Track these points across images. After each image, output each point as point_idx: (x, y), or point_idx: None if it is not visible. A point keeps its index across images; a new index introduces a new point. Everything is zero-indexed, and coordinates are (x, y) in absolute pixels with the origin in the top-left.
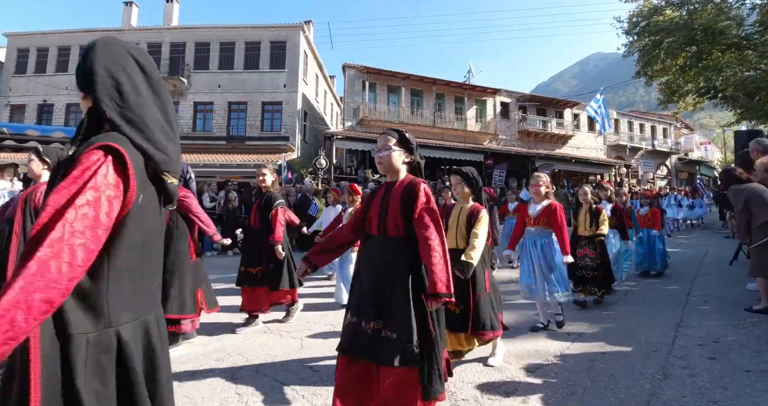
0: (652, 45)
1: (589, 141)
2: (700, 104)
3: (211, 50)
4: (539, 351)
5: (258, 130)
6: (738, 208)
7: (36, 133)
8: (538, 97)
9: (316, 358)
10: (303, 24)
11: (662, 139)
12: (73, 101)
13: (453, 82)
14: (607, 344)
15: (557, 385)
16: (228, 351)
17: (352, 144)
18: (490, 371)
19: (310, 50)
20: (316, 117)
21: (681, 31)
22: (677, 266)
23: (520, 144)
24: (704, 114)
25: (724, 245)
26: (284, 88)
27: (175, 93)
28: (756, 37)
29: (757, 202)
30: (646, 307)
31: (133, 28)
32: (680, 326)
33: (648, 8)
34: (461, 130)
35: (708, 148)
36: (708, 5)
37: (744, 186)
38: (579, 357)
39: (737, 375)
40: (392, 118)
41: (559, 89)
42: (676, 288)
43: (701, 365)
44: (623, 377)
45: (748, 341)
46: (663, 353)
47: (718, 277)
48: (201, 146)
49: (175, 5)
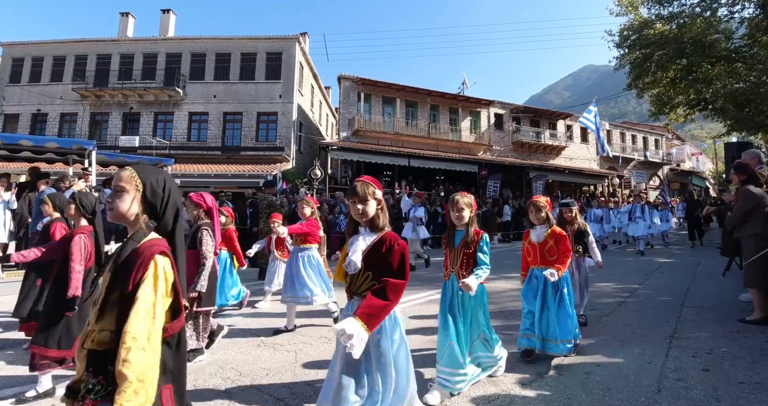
0: (642, 58)
1: (581, 152)
2: (690, 116)
3: (206, 61)
4: (534, 364)
5: (253, 140)
6: (744, 208)
7: (29, 144)
8: (531, 109)
9: (311, 372)
10: (299, 35)
11: (654, 150)
12: (66, 111)
13: (447, 94)
14: (601, 357)
15: (552, 398)
16: (221, 365)
17: (347, 155)
18: (485, 384)
19: (306, 61)
20: (311, 128)
21: (671, 44)
22: (670, 277)
23: (514, 155)
24: (695, 125)
25: (716, 255)
26: (280, 98)
27: (171, 103)
28: (745, 50)
29: (762, 212)
30: (639, 318)
31: (129, 39)
32: (674, 337)
33: (638, 22)
34: (456, 141)
35: (699, 159)
36: (697, 19)
37: (762, 195)
38: (574, 370)
39: (731, 387)
40: (387, 129)
41: (552, 101)
42: (669, 299)
43: (695, 377)
44: (618, 389)
45: (741, 353)
46: (657, 364)
47: (712, 288)
48: (196, 156)
49: (171, 16)
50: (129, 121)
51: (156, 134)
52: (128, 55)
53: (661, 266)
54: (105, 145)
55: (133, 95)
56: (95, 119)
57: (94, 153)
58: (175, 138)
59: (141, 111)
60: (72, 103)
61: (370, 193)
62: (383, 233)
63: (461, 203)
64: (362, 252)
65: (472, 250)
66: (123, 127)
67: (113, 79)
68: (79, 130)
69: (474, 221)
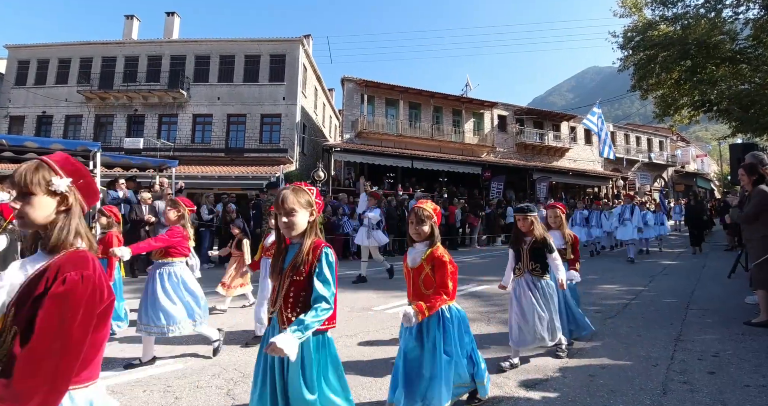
0: (647, 59)
1: (585, 154)
2: (695, 117)
3: (210, 63)
4: (538, 366)
5: (257, 142)
6: (759, 207)
7: (34, 145)
8: (535, 110)
9: None
10: (302, 38)
11: (658, 152)
12: (71, 113)
13: (451, 96)
14: (606, 359)
15: (557, 401)
16: (224, 366)
17: (351, 156)
18: (489, 387)
19: (309, 63)
20: (314, 129)
21: (675, 45)
22: (674, 279)
23: (518, 157)
24: (700, 127)
25: (722, 258)
26: (283, 100)
27: (175, 105)
28: (750, 51)
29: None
30: (644, 321)
31: (133, 42)
32: (679, 340)
33: (642, 23)
34: (459, 143)
35: (704, 161)
36: (702, 20)
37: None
38: (578, 372)
39: (737, 390)
40: (390, 130)
41: (556, 102)
42: (674, 301)
43: (701, 379)
44: (623, 392)
45: (747, 355)
46: (662, 367)
47: (717, 290)
48: (200, 158)
49: (175, 18)
50: (133, 123)
51: (160, 136)
52: (133, 58)
53: (666, 268)
54: (109, 146)
55: (137, 97)
56: (100, 121)
57: (98, 155)
58: (179, 140)
59: (145, 113)
60: (77, 105)
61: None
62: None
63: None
64: None
65: (302, 276)
66: (127, 129)
67: (118, 81)
68: (84, 132)
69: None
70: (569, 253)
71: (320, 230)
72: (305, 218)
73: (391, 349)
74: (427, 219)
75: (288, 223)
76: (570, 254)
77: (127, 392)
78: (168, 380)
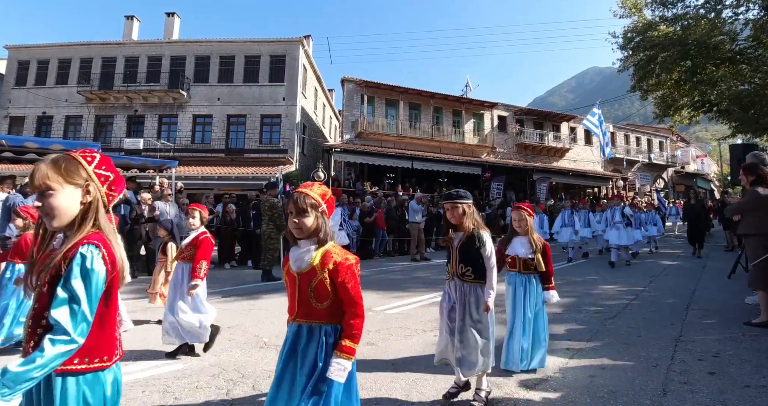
0: (646, 60)
1: (585, 154)
2: (695, 118)
3: (210, 64)
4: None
5: (256, 142)
6: (745, 206)
7: (34, 146)
8: (535, 111)
9: None
10: (302, 38)
11: (658, 153)
12: (71, 113)
13: (451, 96)
14: (606, 360)
15: (557, 401)
16: (224, 366)
17: (351, 157)
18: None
19: (309, 64)
20: (314, 130)
21: (675, 46)
22: (675, 280)
23: (518, 157)
24: (700, 127)
25: (722, 258)
26: (283, 101)
27: (175, 106)
28: (750, 51)
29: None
30: (645, 321)
31: (133, 42)
32: (679, 340)
33: (642, 24)
34: (459, 144)
35: (704, 161)
36: (702, 21)
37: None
38: (578, 373)
39: (737, 391)
40: (390, 131)
41: (556, 103)
42: (674, 302)
43: (701, 380)
44: (623, 393)
45: (747, 356)
46: (663, 368)
47: (717, 290)
48: (200, 159)
49: (175, 19)
50: (133, 123)
51: (160, 137)
52: (133, 58)
53: (666, 269)
54: (109, 147)
55: (137, 98)
56: (100, 122)
57: None
58: (179, 140)
59: (145, 113)
60: (77, 105)
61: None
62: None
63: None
64: None
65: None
66: (127, 129)
67: (118, 81)
68: (84, 133)
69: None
70: (540, 264)
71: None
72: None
73: (391, 349)
74: (312, 209)
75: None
76: (541, 265)
77: (126, 393)
78: (167, 381)
